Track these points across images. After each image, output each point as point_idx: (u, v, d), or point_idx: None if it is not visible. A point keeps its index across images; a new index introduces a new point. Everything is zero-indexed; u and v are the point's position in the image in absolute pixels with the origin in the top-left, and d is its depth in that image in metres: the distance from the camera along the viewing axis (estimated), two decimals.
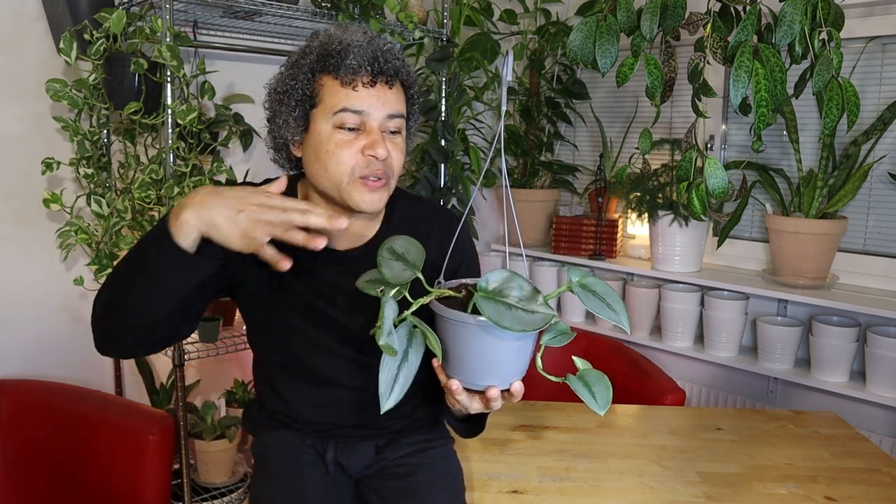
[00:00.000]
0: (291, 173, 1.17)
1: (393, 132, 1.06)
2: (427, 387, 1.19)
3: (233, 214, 0.89)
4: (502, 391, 0.86)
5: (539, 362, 0.84)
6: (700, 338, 2.28)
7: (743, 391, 2.25)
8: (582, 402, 0.82)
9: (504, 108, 0.89)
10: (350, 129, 1.02)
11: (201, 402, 2.12)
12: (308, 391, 1.18)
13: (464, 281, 0.92)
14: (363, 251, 1.14)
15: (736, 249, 2.34)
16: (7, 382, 1.69)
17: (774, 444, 1.52)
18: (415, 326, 0.83)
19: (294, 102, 1.04)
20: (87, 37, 1.60)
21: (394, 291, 0.83)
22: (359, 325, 1.14)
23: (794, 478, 1.37)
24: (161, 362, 2.10)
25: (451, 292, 0.86)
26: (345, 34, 1.04)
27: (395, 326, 0.82)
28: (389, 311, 0.80)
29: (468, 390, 0.88)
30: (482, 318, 0.77)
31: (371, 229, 1.15)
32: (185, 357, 1.73)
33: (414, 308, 0.83)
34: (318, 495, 1.15)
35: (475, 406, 0.90)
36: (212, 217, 0.89)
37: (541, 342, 0.83)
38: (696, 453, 1.47)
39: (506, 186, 0.94)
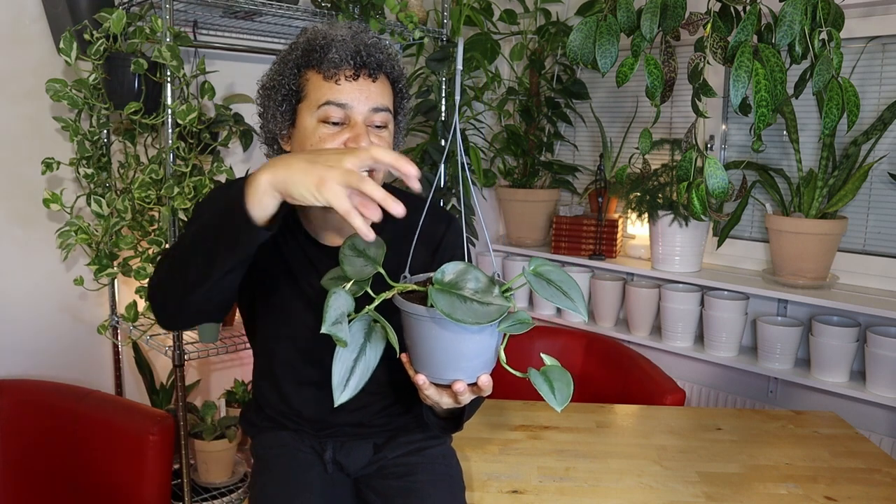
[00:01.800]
0: None
1: (378, 126, 1.05)
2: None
3: (307, 166, 0.84)
4: (470, 385, 0.85)
5: (503, 356, 0.83)
6: (700, 338, 2.28)
7: (743, 391, 2.25)
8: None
9: (458, 98, 0.88)
10: (334, 124, 1.03)
11: (201, 402, 2.12)
12: (307, 388, 1.18)
13: (431, 274, 0.90)
14: None
15: (736, 249, 2.34)
16: (7, 382, 1.69)
17: (774, 444, 1.52)
18: (374, 321, 0.82)
19: (280, 97, 1.06)
20: (87, 37, 1.60)
21: (348, 285, 0.82)
22: None
23: (794, 478, 1.37)
24: (161, 362, 2.10)
25: (415, 286, 0.85)
26: (330, 30, 1.05)
27: (352, 320, 0.80)
28: (335, 301, 0.78)
29: (436, 385, 0.87)
30: (431, 312, 0.76)
31: None
32: (185, 357, 1.73)
33: (376, 303, 0.82)
34: (317, 495, 1.15)
35: (445, 401, 0.89)
36: (288, 171, 0.85)
37: (498, 329, 0.80)
38: (696, 453, 1.47)
39: (465, 180, 0.94)
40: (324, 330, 0.77)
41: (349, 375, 0.79)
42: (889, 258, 2.05)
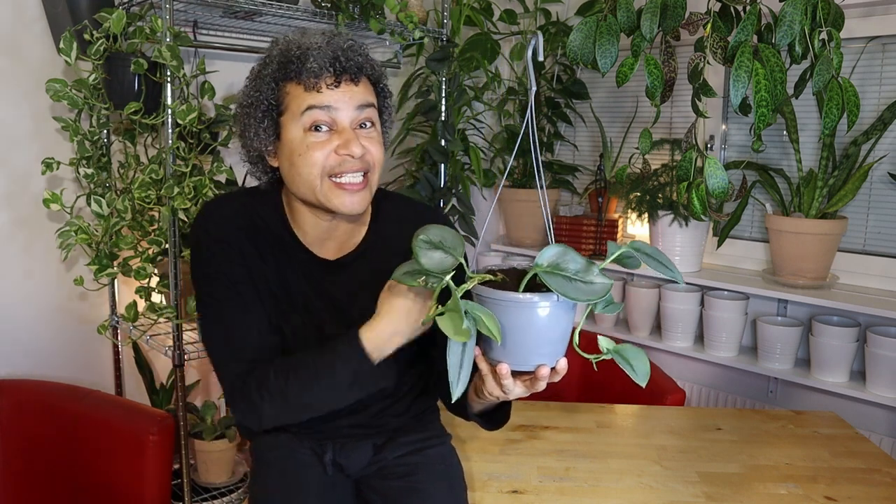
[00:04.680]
0: (266, 183, 1.15)
1: (364, 125, 1.04)
2: (420, 382, 1.19)
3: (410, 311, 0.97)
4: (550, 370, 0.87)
5: (577, 339, 0.86)
6: (700, 338, 2.28)
7: (743, 391, 2.25)
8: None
9: (533, 89, 0.90)
10: (318, 129, 1.01)
11: (201, 402, 2.12)
12: None
13: (490, 266, 0.92)
14: (353, 258, 1.13)
15: (736, 249, 2.34)
16: (7, 382, 1.69)
17: (774, 444, 1.52)
18: (465, 312, 0.82)
19: (261, 113, 1.04)
20: (87, 37, 1.60)
21: (449, 277, 0.83)
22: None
23: (794, 478, 1.37)
24: (161, 362, 2.10)
25: (490, 276, 0.87)
26: (303, 38, 1.03)
27: (441, 313, 0.82)
28: (458, 294, 0.81)
29: (513, 373, 0.88)
30: (534, 297, 0.80)
31: (358, 235, 1.14)
32: (185, 357, 1.73)
33: (461, 292, 0.83)
34: (317, 497, 1.15)
35: (517, 391, 0.91)
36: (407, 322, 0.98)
37: (595, 311, 0.85)
38: (696, 453, 1.47)
39: (541, 186, 0.95)
40: (464, 326, 0.79)
41: (460, 369, 0.81)
42: (889, 258, 2.05)
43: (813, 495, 1.30)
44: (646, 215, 2.27)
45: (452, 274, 0.84)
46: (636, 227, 2.52)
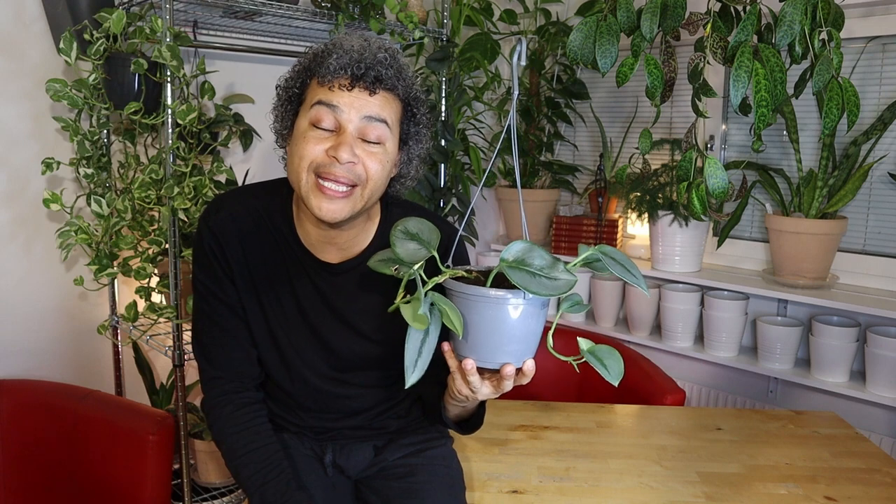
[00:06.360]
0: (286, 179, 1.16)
1: (372, 141, 1.01)
2: (422, 385, 1.19)
3: None
4: (516, 370, 0.87)
5: (550, 341, 0.86)
6: (700, 338, 2.28)
7: (743, 391, 2.25)
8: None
9: (516, 92, 0.90)
10: (323, 129, 1.00)
11: (201, 401, 2.12)
12: (303, 398, 1.18)
13: (467, 266, 0.93)
14: (356, 263, 1.12)
15: (736, 249, 2.34)
16: (7, 382, 1.69)
17: (774, 444, 1.52)
18: (432, 304, 0.83)
19: (287, 99, 1.06)
20: (87, 37, 1.60)
21: (417, 266, 0.84)
22: (346, 339, 1.13)
23: (794, 478, 1.37)
24: (161, 362, 2.10)
25: (463, 272, 0.87)
26: (344, 39, 1.03)
27: (409, 301, 0.82)
28: (421, 283, 0.82)
29: (481, 372, 0.89)
30: (501, 292, 0.80)
31: (363, 240, 1.13)
32: (185, 357, 1.73)
33: (430, 286, 0.83)
34: (317, 497, 1.15)
35: (485, 390, 0.91)
36: None
37: (560, 310, 0.86)
38: (696, 453, 1.47)
39: (519, 185, 0.95)
40: (421, 311, 0.80)
41: (418, 357, 0.81)
42: (889, 258, 2.05)
43: (813, 495, 1.30)
44: (646, 215, 2.27)
45: (423, 265, 0.85)
46: (636, 227, 2.52)
